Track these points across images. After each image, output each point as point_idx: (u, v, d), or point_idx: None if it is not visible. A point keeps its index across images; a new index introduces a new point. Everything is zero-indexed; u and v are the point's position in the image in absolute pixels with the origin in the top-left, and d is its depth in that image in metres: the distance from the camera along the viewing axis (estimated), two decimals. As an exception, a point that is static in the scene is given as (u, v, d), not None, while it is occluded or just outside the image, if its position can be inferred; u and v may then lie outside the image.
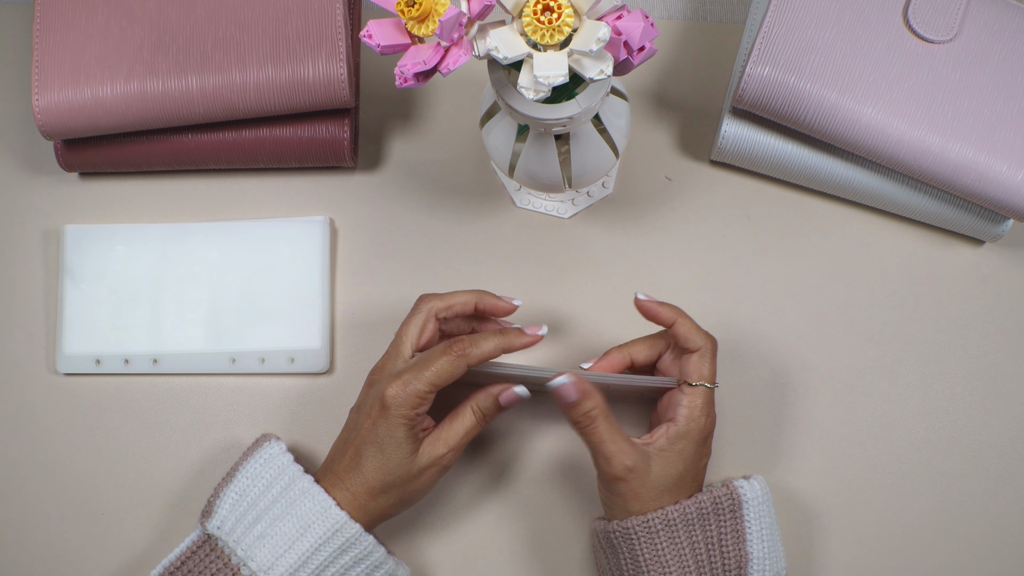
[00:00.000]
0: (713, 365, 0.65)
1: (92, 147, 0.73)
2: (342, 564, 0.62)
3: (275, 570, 0.60)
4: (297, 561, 0.60)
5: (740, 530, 0.62)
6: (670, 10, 0.80)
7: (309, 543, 0.61)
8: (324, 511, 0.61)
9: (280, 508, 0.62)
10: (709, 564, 0.62)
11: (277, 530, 0.61)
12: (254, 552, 0.61)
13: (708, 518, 0.62)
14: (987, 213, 0.71)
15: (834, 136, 0.69)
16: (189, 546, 0.63)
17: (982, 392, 0.73)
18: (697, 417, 0.63)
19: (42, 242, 0.76)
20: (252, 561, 0.61)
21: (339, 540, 0.61)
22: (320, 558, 0.61)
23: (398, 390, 0.61)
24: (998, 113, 0.68)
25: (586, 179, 0.68)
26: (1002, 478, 0.71)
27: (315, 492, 0.62)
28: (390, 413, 0.61)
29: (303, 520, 0.61)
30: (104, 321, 0.73)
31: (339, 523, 0.61)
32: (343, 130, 0.73)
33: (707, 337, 0.65)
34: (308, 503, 0.62)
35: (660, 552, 0.61)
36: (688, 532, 0.62)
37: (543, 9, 0.54)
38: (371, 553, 0.62)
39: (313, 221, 0.75)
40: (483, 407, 0.64)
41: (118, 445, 0.73)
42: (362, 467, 0.62)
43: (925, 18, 0.69)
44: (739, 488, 0.63)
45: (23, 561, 0.72)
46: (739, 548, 0.62)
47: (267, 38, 0.70)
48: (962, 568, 0.70)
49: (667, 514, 0.61)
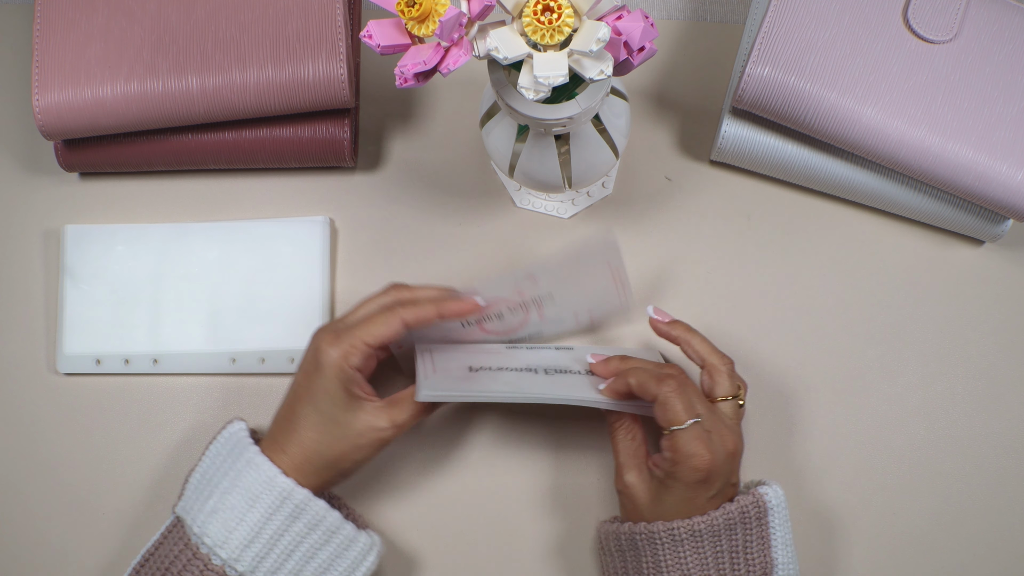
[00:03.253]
0: (683, 400, 0.61)
1: (92, 147, 0.73)
2: (296, 532, 0.61)
3: (229, 544, 0.60)
4: (249, 533, 0.60)
5: (765, 537, 0.62)
6: (670, 10, 0.80)
7: (259, 514, 0.60)
8: (270, 480, 0.61)
9: (228, 481, 0.62)
10: (732, 572, 0.61)
11: (226, 503, 0.61)
12: (207, 528, 0.61)
13: (735, 528, 0.62)
14: (987, 213, 0.71)
15: (834, 136, 0.69)
16: (163, 531, 0.63)
17: (982, 392, 0.73)
18: (684, 464, 0.60)
19: (42, 242, 0.76)
20: (207, 537, 0.61)
21: (288, 508, 0.61)
22: (272, 528, 0.61)
23: (331, 344, 0.61)
24: (998, 113, 0.68)
25: (586, 179, 0.68)
26: (1002, 478, 0.71)
27: (260, 462, 0.61)
28: (323, 366, 0.61)
29: (250, 491, 0.61)
30: (104, 321, 0.73)
31: (286, 491, 0.61)
32: (343, 130, 0.73)
33: (666, 377, 0.62)
34: (253, 473, 0.61)
35: (683, 560, 0.61)
36: (713, 542, 0.61)
37: (543, 9, 0.54)
38: (324, 518, 0.62)
39: (313, 221, 0.75)
40: None
41: (118, 445, 0.73)
42: (297, 427, 0.62)
43: (925, 18, 0.69)
44: (764, 495, 0.62)
45: (23, 561, 0.72)
46: (765, 555, 0.62)
47: (267, 38, 0.70)
48: (962, 568, 0.70)
49: (694, 524, 0.61)
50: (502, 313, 0.69)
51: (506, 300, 0.68)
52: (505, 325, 0.69)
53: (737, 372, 0.66)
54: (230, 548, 0.60)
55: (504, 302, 0.68)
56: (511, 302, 0.69)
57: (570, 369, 0.68)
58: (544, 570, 0.71)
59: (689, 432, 0.60)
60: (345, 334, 0.62)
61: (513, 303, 0.69)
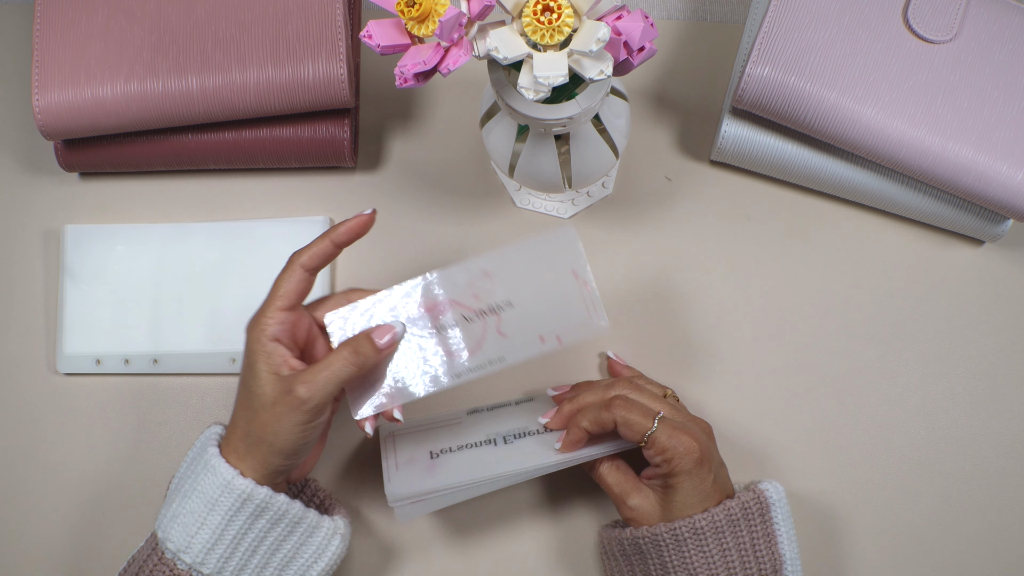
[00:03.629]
0: (639, 409, 0.62)
1: (92, 147, 0.73)
2: (259, 529, 0.61)
3: (192, 548, 0.60)
4: (211, 536, 0.60)
5: (771, 533, 0.62)
6: (670, 10, 0.80)
7: (219, 517, 0.60)
8: (227, 484, 0.60)
9: (189, 485, 0.61)
10: (743, 569, 0.61)
11: (186, 508, 0.61)
12: (170, 533, 0.61)
13: (739, 524, 0.61)
14: (987, 213, 0.71)
15: (834, 136, 0.69)
16: (148, 538, 0.63)
17: (982, 392, 0.73)
18: (677, 457, 0.61)
19: (42, 242, 0.76)
20: (170, 542, 0.61)
21: (249, 508, 0.60)
22: (234, 529, 0.60)
23: (251, 321, 0.61)
24: (998, 113, 0.68)
25: (586, 179, 0.68)
26: (1002, 478, 0.71)
27: (216, 463, 0.61)
28: (246, 348, 0.61)
29: (208, 495, 0.60)
30: (104, 321, 0.73)
31: (245, 492, 0.60)
32: (343, 130, 0.73)
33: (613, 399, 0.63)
34: (211, 476, 0.60)
35: (688, 560, 0.61)
36: (718, 539, 0.61)
37: (543, 9, 0.54)
38: (286, 512, 0.61)
39: (313, 221, 0.75)
40: (354, 344, 0.60)
41: (118, 445, 0.73)
42: (234, 412, 0.62)
43: (925, 18, 0.69)
44: (765, 491, 0.63)
45: (23, 561, 0.72)
46: (772, 551, 0.62)
47: (267, 38, 0.70)
48: (962, 568, 0.70)
49: (695, 523, 0.61)
50: (456, 322, 0.62)
51: (459, 304, 0.62)
52: (460, 341, 0.62)
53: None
54: (193, 552, 0.60)
55: (458, 306, 0.62)
56: (466, 308, 0.62)
57: (528, 430, 0.67)
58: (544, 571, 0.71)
59: (662, 429, 0.61)
60: (260, 310, 0.61)
61: (469, 310, 0.62)
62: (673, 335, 0.74)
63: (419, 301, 0.62)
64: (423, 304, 0.62)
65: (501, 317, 0.62)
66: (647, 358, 0.73)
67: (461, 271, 0.62)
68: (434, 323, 0.62)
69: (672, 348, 0.73)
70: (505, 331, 0.62)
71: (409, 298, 0.62)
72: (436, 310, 0.62)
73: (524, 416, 0.69)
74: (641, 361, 0.73)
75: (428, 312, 0.62)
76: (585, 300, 0.62)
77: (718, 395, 0.72)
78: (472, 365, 0.62)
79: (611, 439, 0.64)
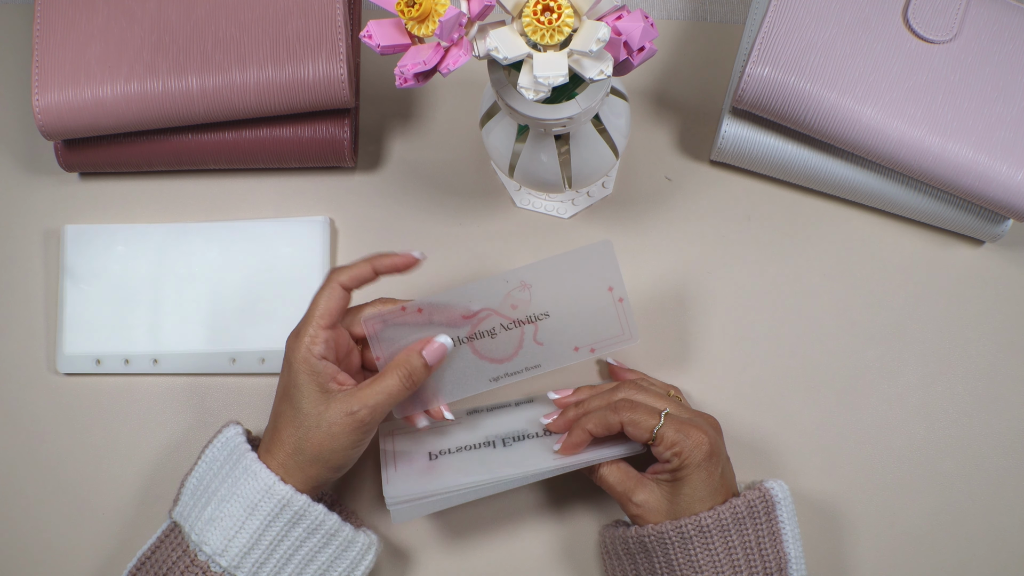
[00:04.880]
0: (644, 409, 0.62)
1: (92, 147, 0.73)
2: (295, 537, 0.61)
3: (229, 552, 0.60)
4: (249, 541, 0.60)
5: (776, 531, 0.62)
6: (670, 10, 0.80)
7: (258, 522, 0.61)
8: (268, 488, 0.61)
9: (226, 489, 0.62)
10: (748, 567, 0.61)
11: (224, 511, 0.61)
12: (206, 535, 0.61)
13: (744, 523, 0.62)
14: (987, 213, 0.71)
15: (834, 136, 0.69)
16: (159, 535, 0.63)
17: (982, 392, 0.73)
18: (687, 450, 0.61)
19: (42, 242, 0.76)
20: (206, 545, 0.61)
21: (287, 515, 0.61)
22: (271, 535, 0.61)
23: (294, 340, 0.62)
24: (998, 113, 0.68)
25: (586, 179, 0.68)
26: (1002, 478, 0.71)
27: (257, 469, 0.61)
28: (290, 363, 0.62)
29: (248, 499, 0.61)
30: (104, 321, 0.73)
31: (285, 498, 0.61)
32: (343, 130, 0.73)
33: (619, 402, 0.63)
34: (251, 481, 0.61)
35: (693, 557, 0.61)
36: (724, 537, 0.61)
37: (543, 9, 0.54)
38: (323, 522, 0.62)
39: (313, 221, 0.75)
40: (407, 365, 0.62)
41: (118, 445, 0.73)
42: (278, 427, 0.62)
43: (925, 18, 0.69)
44: (771, 490, 0.63)
45: (22, 561, 0.71)
46: (777, 549, 0.62)
47: (267, 38, 0.70)
48: (962, 568, 0.70)
49: (700, 520, 0.61)
50: (495, 330, 0.64)
51: (498, 313, 0.64)
52: (499, 347, 0.65)
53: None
54: (230, 556, 0.60)
55: (496, 315, 0.64)
56: (505, 318, 0.64)
57: (528, 433, 0.67)
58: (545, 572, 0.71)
59: (669, 425, 0.61)
60: (302, 327, 0.63)
61: (507, 319, 0.64)
62: (673, 335, 0.74)
63: (459, 310, 0.64)
64: (462, 312, 0.64)
65: (538, 327, 0.65)
66: (647, 358, 0.73)
67: (499, 282, 0.64)
68: (473, 331, 0.64)
69: (672, 348, 0.73)
70: (541, 340, 0.65)
71: (448, 307, 0.64)
72: (476, 319, 0.64)
73: (524, 418, 0.69)
74: (642, 361, 0.73)
75: (467, 320, 0.64)
76: (619, 314, 0.65)
77: (718, 395, 0.72)
78: (510, 370, 0.65)
79: (611, 444, 0.64)
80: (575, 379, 0.72)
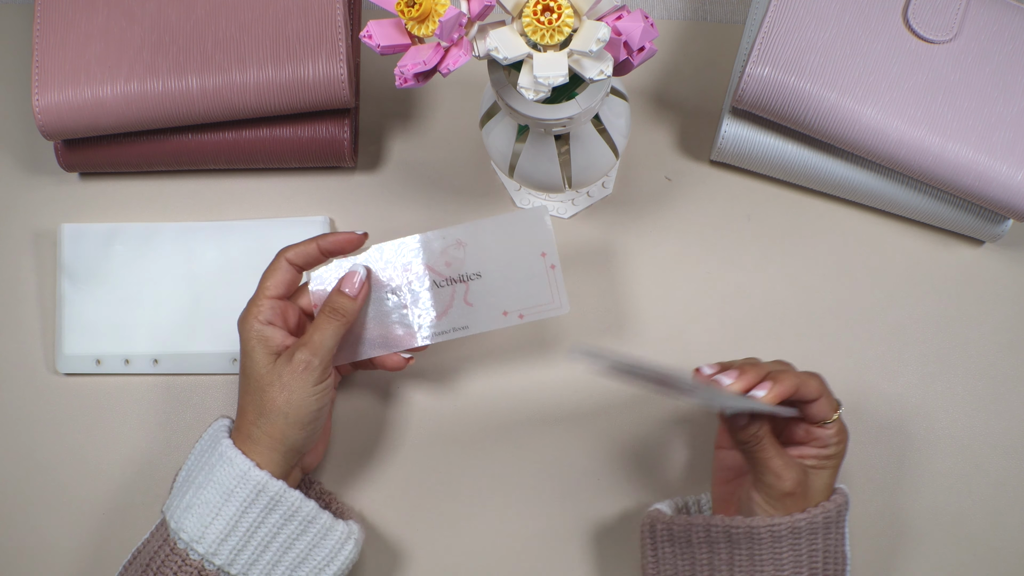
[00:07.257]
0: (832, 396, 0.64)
1: (92, 147, 0.73)
2: (272, 523, 0.61)
3: (206, 539, 0.61)
4: (225, 527, 0.61)
5: (842, 533, 0.63)
6: (670, 10, 0.80)
7: (234, 508, 0.61)
8: (243, 474, 0.61)
9: (203, 476, 0.62)
10: (823, 569, 0.61)
11: (201, 498, 0.61)
12: (183, 523, 0.61)
13: (831, 527, 0.62)
14: (987, 213, 0.71)
15: (834, 136, 0.69)
16: (152, 530, 0.64)
17: (982, 392, 0.73)
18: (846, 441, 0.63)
19: (42, 242, 0.76)
20: (183, 532, 0.61)
21: (263, 500, 0.61)
22: (248, 521, 0.61)
23: (242, 315, 0.64)
24: (998, 113, 0.68)
25: (586, 179, 0.68)
26: (1002, 478, 0.71)
27: (232, 455, 0.61)
28: (242, 338, 0.63)
29: (224, 485, 0.61)
30: (104, 321, 0.73)
31: (260, 483, 0.61)
32: (343, 130, 0.73)
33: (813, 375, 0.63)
34: (227, 467, 0.61)
35: (779, 557, 0.61)
36: (810, 541, 0.61)
37: (543, 9, 0.54)
38: (299, 509, 0.62)
39: (313, 221, 0.75)
40: (331, 302, 0.64)
41: (118, 445, 0.73)
42: (242, 404, 0.63)
43: (925, 18, 0.69)
44: (846, 491, 0.63)
45: (22, 561, 0.72)
46: (839, 551, 0.62)
47: (267, 38, 0.70)
48: (962, 568, 0.70)
49: (794, 522, 0.60)
50: (431, 285, 0.66)
51: (431, 269, 0.65)
52: (434, 302, 0.66)
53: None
54: (207, 543, 0.61)
55: (432, 271, 0.65)
56: (438, 274, 0.65)
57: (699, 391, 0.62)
58: (541, 563, 0.71)
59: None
60: (250, 301, 0.64)
61: (440, 276, 0.65)
62: (673, 335, 0.74)
63: (395, 263, 0.65)
64: (399, 265, 0.65)
65: (469, 287, 0.65)
66: (648, 358, 0.73)
67: (437, 238, 0.65)
68: (407, 284, 0.65)
69: (672, 348, 0.73)
70: (472, 300, 0.65)
71: (383, 258, 0.65)
72: (410, 272, 0.65)
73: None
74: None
75: (403, 273, 0.65)
76: (550, 281, 0.65)
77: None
78: (437, 330, 0.66)
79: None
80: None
